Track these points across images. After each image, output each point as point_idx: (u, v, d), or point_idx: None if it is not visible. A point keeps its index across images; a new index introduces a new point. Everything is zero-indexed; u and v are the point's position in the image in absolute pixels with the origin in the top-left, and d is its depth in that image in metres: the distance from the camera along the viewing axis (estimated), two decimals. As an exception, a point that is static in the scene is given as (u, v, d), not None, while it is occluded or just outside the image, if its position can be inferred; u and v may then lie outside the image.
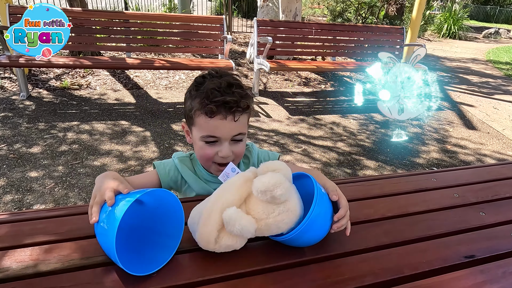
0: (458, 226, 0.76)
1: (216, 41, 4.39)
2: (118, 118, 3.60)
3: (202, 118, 0.94)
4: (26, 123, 3.31)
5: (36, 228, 0.80)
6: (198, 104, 0.94)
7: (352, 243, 0.83)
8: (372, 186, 1.09)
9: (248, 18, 9.73)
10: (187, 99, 1.00)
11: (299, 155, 3.22)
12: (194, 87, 0.98)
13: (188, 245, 0.77)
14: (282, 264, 0.75)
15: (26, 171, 2.60)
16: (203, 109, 0.93)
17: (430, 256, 0.79)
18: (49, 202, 2.31)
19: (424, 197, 1.05)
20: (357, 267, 0.75)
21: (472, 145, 3.84)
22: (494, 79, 6.92)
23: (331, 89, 5.30)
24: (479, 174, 1.22)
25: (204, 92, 0.93)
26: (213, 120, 0.93)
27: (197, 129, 0.97)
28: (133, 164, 2.80)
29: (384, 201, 1.01)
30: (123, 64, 3.85)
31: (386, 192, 1.05)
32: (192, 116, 0.97)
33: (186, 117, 1.03)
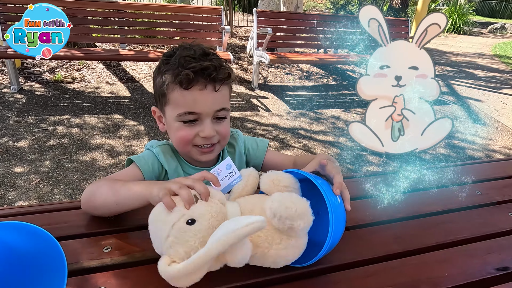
0: (484, 229, 0.61)
1: (215, 33, 4.24)
2: (111, 111, 3.46)
3: (177, 92, 0.79)
4: (15, 116, 3.18)
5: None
6: (170, 77, 0.79)
7: (355, 252, 0.68)
8: (376, 183, 0.94)
9: (249, 12, 9.57)
10: (156, 76, 0.85)
11: (299, 150, 3.08)
12: (164, 60, 0.83)
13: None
14: (265, 280, 0.60)
15: (11, 166, 2.46)
16: (177, 79, 0.78)
17: (452, 269, 0.64)
18: (33, 199, 2.18)
19: (441, 195, 0.90)
20: (362, 283, 0.60)
21: (480, 141, 3.68)
22: (501, 74, 6.74)
23: (333, 83, 5.14)
24: (502, 169, 1.07)
25: (177, 62, 0.79)
26: (191, 92, 0.79)
27: (172, 107, 0.82)
28: (124, 159, 2.65)
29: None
30: (117, 55, 3.71)
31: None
32: (165, 92, 0.81)
33: (157, 98, 0.88)
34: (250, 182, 0.69)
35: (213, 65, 0.78)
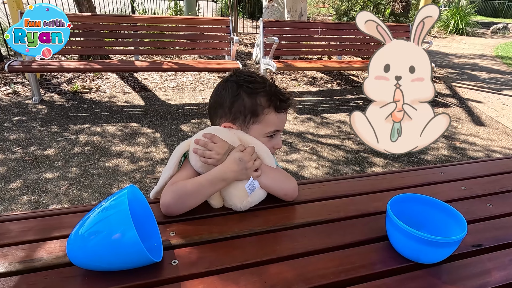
0: (465, 217, 0.78)
1: (223, 43, 4.44)
2: (128, 120, 3.67)
3: (272, 115, 1.02)
4: (40, 126, 3.39)
5: (62, 222, 0.85)
6: (265, 101, 1.01)
7: (364, 233, 0.86)
8: (381, 180, 1.12)
9: (253, 19, 9.78)
10: (237, 98, 1.01)
11: (307, 154, 3.25)
12: (247, 87, 1.01)
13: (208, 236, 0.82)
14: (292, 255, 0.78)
15: (41, 173, 2.67)
16: (274, 105, 1.01)
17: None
18: (64, 202, 2.38)
19: (432, 190, 1.07)
20: (368, 256, 0.78)
21: (481, 142, 3.82)
22: (503, 75, 6.86)
23: (338, 88, 5.31)
24: (486, 168, 1.25)
25: (271, 91, 1.02)
26: (281, 115, 1.03)
27: (263, 125, 1.02)
28: (144, 165, 2.86)
29: (393, 194, 1.02)
30: (132, 67, 3.92)
31: (395, 186, 1.08)
32: (258, 112, 1.01)
33: (238, 115, 1.02)
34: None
35: (292, 95, 1.06)
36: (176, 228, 0.84)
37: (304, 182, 1.07)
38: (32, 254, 0.73)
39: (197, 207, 0.91)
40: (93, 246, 0.65)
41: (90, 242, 0.66)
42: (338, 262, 0.76)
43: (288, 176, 1.01)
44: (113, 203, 0.69)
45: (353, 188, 1.06)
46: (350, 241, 0.83)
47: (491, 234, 0.88)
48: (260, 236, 0.83)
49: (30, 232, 0.81)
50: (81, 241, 0.67)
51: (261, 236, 0.83)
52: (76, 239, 0.67)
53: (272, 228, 0.86)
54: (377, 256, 0.78)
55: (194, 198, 0.90)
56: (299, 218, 0.91)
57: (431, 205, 0.86)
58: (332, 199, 1.00)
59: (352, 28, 5.35)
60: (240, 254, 0.76)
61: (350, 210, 0.95)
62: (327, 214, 0.93)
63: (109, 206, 0.69)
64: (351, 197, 1.02)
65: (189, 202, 0.90)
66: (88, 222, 0.68)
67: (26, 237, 0.79)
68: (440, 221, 0.84)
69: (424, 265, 0.77)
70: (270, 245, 0.80)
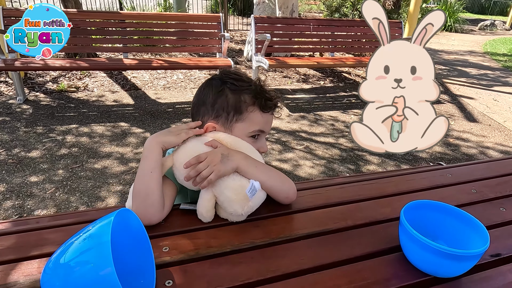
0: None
1: (214, 40, 4.35)
2: (117, 119, 3.56)
3: (257, 113, 0.96)
4: (24, 127, 3.26)
5: (42, 238, 0.77)
6: (250, 99, 0.95)
7: (375, 244, 0.79)
8: (387, 183, 1.06)
9: (244, 16, 9.67)
10: (221, 95, 0.96)
11: (302, 153, 3.19)
12: (231, 84, 0.96)
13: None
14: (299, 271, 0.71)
15: (26, 176, 2.56)
16: (259, 103, 0.95)
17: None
18: (51, 207, 2.27)
19: (442, 194, 1.02)
20: (381, 270, 0.72)
21: (475, 138, 3.82)
22: (493, 71, 6.90)
23: (331, 85, 5.26)
24: (495, 168, 1.19)
25: (258, 89, 0.97)
26: (266, 115, 0.98)
27: (247, 124, 0.96)
28: (135, 166, 2.76)
29: (400, 199, 0.98)
30: (121, 65, 3.81)
31: (402, 190, 1.02)
32: (242, 111, 0.95)
33: (221, 113, 0.95)
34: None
35: (278, 97, 1.00)
36: (170, 243, 0.76)
37: (305, 187, 1.00)
38: (5, 277, 0.65)
39: (192, 218, 0.83)
40: (75, 279, 0.56)
41: (73, 275, 0.57)
42: (349, 279, 0.69)
43: (286, 177, 0.96)
44: (94, 233, 0.60)
45: (358, 193, 0.99)
46: (360, 253, 0.76)
47: (509, 242, 0.82)
48: (263, 250, 0.76)
49: (4, 251, 0.72)
50: (61, 271, 0.58)
51: (263, 249, 0.76)
52: (55, 268, 0.58)
53: (275, 240, 0.79)
54: (391, 270, 0.72)
55: (145, 188, 0.82)
56: (303, 228, 0.84)
57: (447, 213, 0.80)
58: (337, 206, 0.93)
59: (345, 24, 5.31)
60: (242, 272, 0.69)
61: (357, 218, 0.88)
62: (333, 223, 0.86)
63: (89, 238, 0.60)
64: (357, 203, 0.95)
65: (146, 197, 0.82)
66: (70, 251, 0.59)
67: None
68: (457, 230, 0.78)
69: (442, 279, 0.71)
70: (274, 260, 0.73)
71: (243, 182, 0.84)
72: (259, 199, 0.86)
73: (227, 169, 0.84)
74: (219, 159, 0.84)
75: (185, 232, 0.80)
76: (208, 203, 0.84)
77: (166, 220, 0.84)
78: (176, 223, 0.83)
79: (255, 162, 0.89)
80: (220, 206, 0.86)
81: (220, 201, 0.85)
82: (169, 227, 0.82)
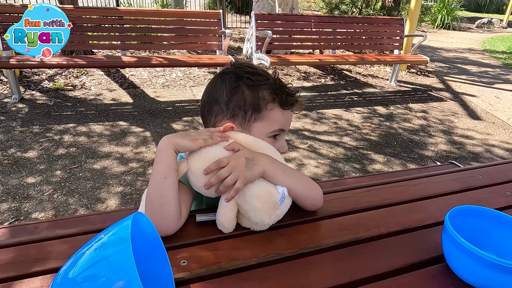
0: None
1: (214, 37, 4.26)
2: (116, 118, 3.46)
3: (277, 111, 0.87)
4: (20, 126, 3.16)
5: (44, 251, 0.69)
6: (269, 96, 0.86)
7: (414, 254, 0.72)
8: (415, 186, 0.98)
9: (241, 13, 9.58)
10: (236, 91, 0.85)
11: (306, 152, 3.12)
12: (247, 79, 0.86)
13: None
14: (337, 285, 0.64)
15: (22, 177, 2.46)
16: (278, 101, 0.86)
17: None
18: (49, 210, 2.18)
19: (474, 197, 0.94)
20: (426, 285, 0.65)
21: (479, 136, 3.76)
22: (493, 69, 6.87)
23: (332, 83, 5.19)
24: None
25: (275, 84, 0.87)
26: (287, 112, 0.89)
27: (267, 123, 0.86)
28: (135, 166, 2.67)
29: (432, 202, 0.90)
30: (119, 62, 3.71)
31: (432, 193, 0.95)
32: (261, 109, 0.85)
33: (239, 112, 0.85)
34: None
35: (298, 91, 0.90)
36: (188, 255, 0.68)
37: (330, 190, 0.92)
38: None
39: (210, 226, 0.75)
40: None
41: None
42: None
43: (312, 181, 0.87)
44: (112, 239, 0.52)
45: (386, 196, 0.92)
46: (400, 265, 0.69)
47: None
48: (291, 263, 0.68)
49: (1, 267, 0.64)
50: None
51: (292, 262, 0.68)
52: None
53: (304, 251, 0.71)
54: (436, 285, 0.65)
55: (159, 196, 0.74)
56: (333, 236, 0.77)
57: (496, 220, 0.73)
58: (366, 211, 0.86)
59: (346, 21, 5.24)
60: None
61: (390, 225, 0.81)
62: (364, 230, 0.78)
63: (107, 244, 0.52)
64: (387, 207, 0.88)
65: (160, 206, 0.73)
66: (81, 262, 0.51)
67: (-1, 272, 0.63)
68: (508, 240, 0.71)
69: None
70: (306, 274, 0.65)
71: (270, 188, 0.76)
72: (286, 206, 0.78)
73: (253, 175, 0.75)
74: (243, 163, 0.75)
75: (204, 243, 0.72)
76: (230, 213, 0.75)
77: (182, 229, 0.76)
78: (193, 232, 0.75)
79: (282, 165, 0.81)
80: (242, 215, 0.77)
81: (244, 210, 0.76)
82: (186, 237, 0.74)
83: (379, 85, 5.20)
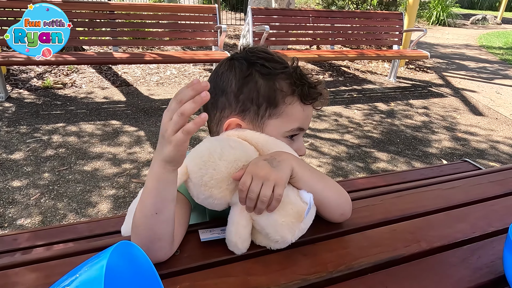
0: None
1: (209, 32, 4.11)
2: (108, 117, 3.31)
3: (297, 106, 0.72)
4: (6, 126, 3.00)
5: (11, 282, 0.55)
6: (288, 87, 0.71)
7: (469, 276, 0.59)
8: (452, 190, 0.86)
9: (236, 10, 9.42)
10: (248, 81, 0.71)
11: (307, 150, 2.99)
12: (261, 66, 0.71)
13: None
14: None
15: (8, 181, 2.31)
16: (299, 94, 0.71)
17: None
18: (35, 215, 2.03)
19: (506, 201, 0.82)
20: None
21: (483, 132, 3.68)
22: (491, 64, 6.82)
23: (330, 79, 5.07)
24: None
25: (295, 73, 0.72)
26: (307, 108, 0.74)
27: (285, 120, 0.72)
28: (128, 167, 2.53)
29: (474, 209, 0.78)
30: (111, 59, 3.55)
31: (473, 197, 0.82)
32: (278, 103, 0.71)
33: (250, 106, 0.71)
34: None
35: (322, 82, 0.75)
36: (190, 284, 0.54)
37: (355, 196, 0.78)
38: None
39: (217, 245, 0.62)
40: None
41: None
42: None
43: (341, 187, 0.72)
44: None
45: (419, 203, 0.79)
46: (453, 291, 0.56)
47: None
48: (320, 290, 0.55)
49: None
50: None
51: (321, 290, 0.55)
52: None
53: (334, 275, 0.58)
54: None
55: (148, 233, 0.57)
56: (366, 254, 0.63)
57: None
58: (401, 221, 0.73)
59: (344, 16, 5.12)
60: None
61: (431, 238, 0.68)
62: (403, 246, 0.65)
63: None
64: (424, 216, 0.75)
65: (150, 243, 0.57)
66: None
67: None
68: None
69: None
70: (340, 306, 0.52)
71: (292, 198, 0.61)
72: (311, 218, 0.64)
73: (286, 173, 0.61)
74: (267, 166, 0.60)
75: (210, 267, 0.58)
76: (244, 230, 0.60)
77: (183, 249, 0.62)
78: (196, 253, 0.61)
79: (307, 164, 0.68)
80: (257, 231, 0.63)
81: (260, 226, 0.61)
82: (187, 259, 0.59)
83: (378, 81, 5.09)
